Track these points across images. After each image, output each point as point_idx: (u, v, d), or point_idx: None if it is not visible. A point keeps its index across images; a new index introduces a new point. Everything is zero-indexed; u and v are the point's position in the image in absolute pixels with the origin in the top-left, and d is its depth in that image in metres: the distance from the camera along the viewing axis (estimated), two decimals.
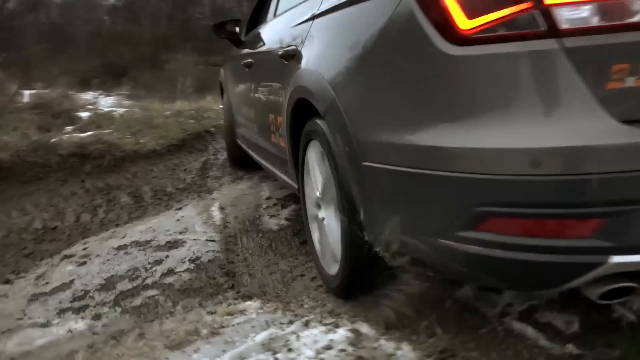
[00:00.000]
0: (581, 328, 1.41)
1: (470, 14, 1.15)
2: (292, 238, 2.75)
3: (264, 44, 2.84)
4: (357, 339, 1.47)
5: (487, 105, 1.15)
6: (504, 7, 1.12)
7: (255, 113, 2.99)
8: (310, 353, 1.43)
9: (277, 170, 2.71)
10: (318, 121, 1.81)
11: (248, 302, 1.99)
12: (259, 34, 3.06)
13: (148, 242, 2.69)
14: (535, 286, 1.28)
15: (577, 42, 1.09)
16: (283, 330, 1.64)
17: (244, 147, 3.62)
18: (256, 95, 2.91)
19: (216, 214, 3.06)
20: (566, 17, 1.09)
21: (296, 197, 3.20)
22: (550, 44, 1.09)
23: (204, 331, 1.76)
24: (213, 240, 2.66)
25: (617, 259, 1.07)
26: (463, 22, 1.15)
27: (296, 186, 2.30)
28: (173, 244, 2.64)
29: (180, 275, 2.34)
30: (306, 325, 1.63)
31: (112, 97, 10.69)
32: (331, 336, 1.50)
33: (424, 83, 1.26)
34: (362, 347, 1.41)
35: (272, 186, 3.57)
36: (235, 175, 4.07)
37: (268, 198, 3.33)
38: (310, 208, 2.11)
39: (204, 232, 2.78)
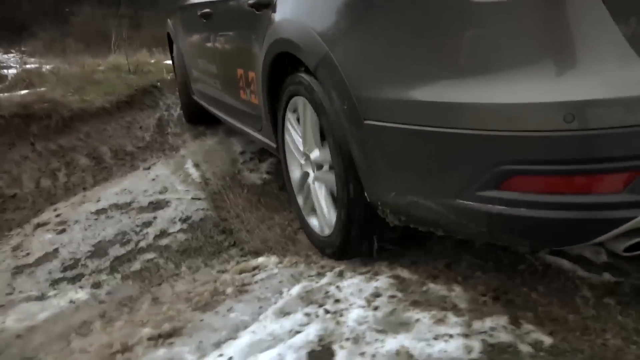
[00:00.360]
0: (610, 257, 1.51)
1: None
2: (279, 192, 2.70)
3: None
4: (402, 284, 1.48)
5: (515, 57, 1.06)
6: None
7: (218, 68, 2.76)
8: (360, 302, 1.42)
9: (248, 129, 2.53)
10: (304, 76, 1.67)
11: (261, 258, 1.94)
12: None
13: (128, 204, 2.54)
14: (559, 243, 1.22)
15: None
16: (317, 282, 1.62)
17: (202, 103, 3.42)
18: (219, 49, 2.68)
19: (192, 171, 2.93)
20: None
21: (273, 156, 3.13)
22: None
23: (228, 290, 1.71)
24: (199, 199, 2.56)
25: None
26: None
27: (274, 145, 2.17)
28: (157, 205, 2.51)
29: (175, 237, 2.24)
30: (341, 275, 1.62)
31: (11, 55, 9.76)
32: (374, 284, 1.50)
33: (442, 35, 1.15)
34: (412, 292, 1.42)
35: (242, 140, 3.46)
36: (195, 130, 3.90)
37: (242, 152, 3.23)
38: (294, 168, 2.00)
39: (186, 190, 2.67)
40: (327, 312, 1.41)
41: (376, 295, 1.45)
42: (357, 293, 1.48)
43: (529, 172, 1.07)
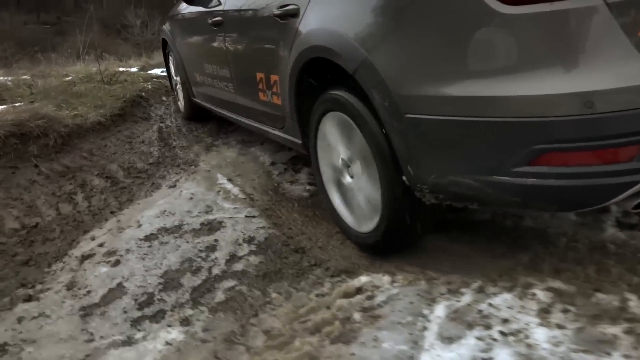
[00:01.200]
0: None
1: None
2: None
3: (241, 1, 2.70)
4: (566, 297, 1.42)
5: (542, 57, 1.29)
6: None
7: (232, 72, 2.91)
8: (533, 320, 1.35)
9: (266, 127, 2.72)
10: (338, 92, 1.91)
11: (364, 278, 1.84)
12: None
13: (178, 227, 2.34)
14: (582, 206, 1.46)
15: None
16: (458, 301, 1.54)
17: (206, 105, 3.62)
18: (233, 54, 2.84)
19: (229, 187, 2.75)
20: None
21: (304, 159, 3.01)
22: (601, 3, 1.23)
23: (356, 316, 1.60)
24: (253, 216, 2.39)
25: None
26: None
27: (297, 141, 2.38)
28: (211, 226, 2.33)
29: (248, 260, 2.08)
30: (482, 291, 1.55)
31: None
32: (533, 298, 1.44)
33: (478, 40, 1.37)
34: (584, 305, 1.37)
35: (264, 150, 3.30)
36: (203, 142, 3.69)
37: (272, 163, 3.08)
38: (326, 169, 2.21)
39: (234, 208, 2.49)
40: (503, 334, 1.33)
41: (546, 311, 1.38)
42: (520, 310, 1.41)
43: (556, 150, 1.32)
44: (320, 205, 2.58)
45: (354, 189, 2.05)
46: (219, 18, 2.89)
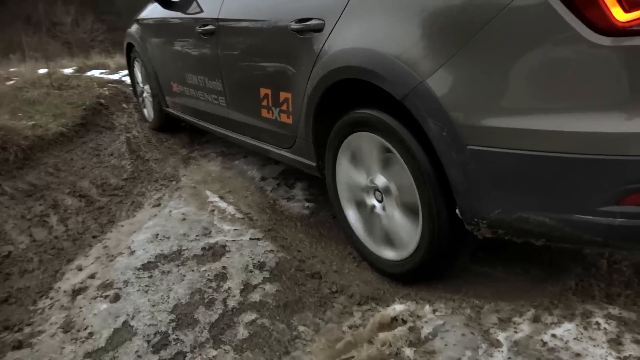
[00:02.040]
0: None
1: (628, 8, 1.18)
2: (334, 221, 2.47)
3: (240, 10, 2.52)
4: (630, 324, 1.38)
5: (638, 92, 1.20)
6: None
7: (227, 86, 2.70)
8: (605, 351, 1.30)
9: (268, 146, 2.53)
10: (373, 112, 1.80)
11: (399, 306, 1.73)
12: None
13: (178, 253, 2.14)
14: None
15: None
16: (515, 331, 1.46)
17: (185, 117, 3.39)
18: (229, 66, 2.63)
19: (223, 205, 2.57)
20: None
21: (295, 174, 2.88)
22: None
23: (407, 352, 1.49)
24: (258, 238, 2.24)
25: None
26: (621, 15, 1.18)
27: (312, 163, 2.23)
28: (214, 251, 2.15)
29: (264, 289, 1.92)
30: (538, 320, 1.48)
31: None
32: (597, 327, 1.39)
33: (567, 71, 1.28)
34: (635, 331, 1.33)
35: (250, 164, 3.14)
36: (178, 155, 3.47)
37: (263, 178, 2.92)
38: (346, 193, 2.09)
39: (235, 229, 2.32)
40: None
41: (617, 342, 1.33)
42: (588, 341, 1.35)
43: None
44: (324, 224, 2.47)
45: (383, 215, 1.94)
46: (210, 27, 2.67)
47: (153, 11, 3.55)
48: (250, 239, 2.23)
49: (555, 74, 1.30)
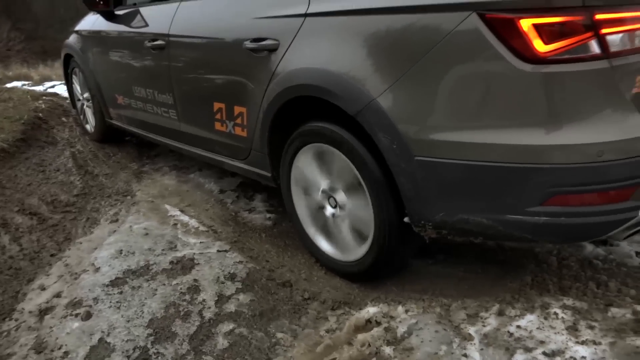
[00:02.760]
0: None
1: (549, 41, 1.42)
2: (289, 229, 2.55)
3: (193, 27, 2.56)
4: (582, 313, 1.55)
5: (556, 112, 1.44)
6: (573, 36, 1.42)
7: (178, 99, 2.76)
8: (565, 337, 1.46)
9: (222, 158, 2.62)
10: (326, 125, 1.94)
11: (372, 309, 1.83)
12: (173, 10, 2.70)
13: (146, 268, 2.13)
14: (587, 238, 1.72)
15: (619, 61, 1.44)
16: (484, 325, 1.60)
17: (131, 128, 3.41)
18: (181, 81, 2.69)
19: (185, 218, 2.57)
20: (614, 42, 1.44)
21: (253, 185, 2.93)
22: (604, 64, 1.43)
23: (386, 350, 1.60)
24: (225, 250, 2.27)
25: None
26: (543, 47, 1.42)
27: (267, 174, 2.36)
28: (183, 264, 2.16)
29: (238, 299, 1.97)
30: (502, 314, 1.63)
31: None
32: (555, 317, 1.55)
33: (501, 93, 1.49)
34: (602, 320, 1.51)
35: (207, 177, 3.15)
36: (128, 169, 3.42)
37: (222, 191, 2.95)
38: (301, 201, 2.23)
39: (201, 242, 2.34)
40: (546, 354, 1.41)
41: (574, 329, 1.50)
42: (550, 330, 1.51)
43: (569, 192, 1.48)
44: (288, 233, 2.53)
45: (338, 221, 2.09)
46: (160, 42, 2.71)
47: (95, 23, 3.51)
48: (218, 251, 2.26)
49: (487, 95, 1.51)
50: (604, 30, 1.43)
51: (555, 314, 1.56)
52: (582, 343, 1.42)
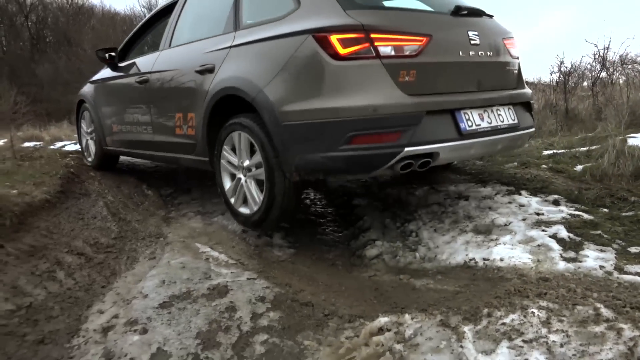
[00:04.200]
0: None
1: (344, 47, 2.56)
2: (314, 262, 2.93)
3: (168, 64, 3.85)
4: (552, 311, 1.92)
5: (352, 87, 2.55)
6: (358, 45, 2.55)
7: (152, 117, 4.00)
8: (537, 329, 1.82)
9: (178, 155, 3.77)
10: (242, 118, 3.03)
11: (383, 319, 2.18)
12: (155, 58, 4.06)
13: (188, 293, 2.49)
14: (376, 168, 2.61)
15: (387, 61, 2.57)
16: (475, 324, 1.96)
17: (121, 149, 4.66)
18: (156, 102, 3.94)
19: (215, 254, 2.95)
20: (382, 50, 2.57)
21: (276, 230, 3.32)
22: (377, 61, 2.56)
23: (397, 347, 1.95)
24: (254, 278, 2.63)
25: (407, 149, 2.53)
26: (341, 51, 2.56)
27: (206, 159, 3.42)
28: (219, 290, 2.51)
29: (269, 316, 2.32)
30: (490, 315, 1.99)
31: None
32: (533, 315, 1.92)
33: (320, 79, 2.60)
34: (570, 315, 1.88)
35: (230, 220, 3.54)
36: (157, 216, 3.81)
37: (244, 231, 3.33)
38: (226, 176, 3.28)
39: (232, 272, 2.71)
40: (525, 341, 1.78)
41: (548, 322, 1.86)
42: (527, 324, 1.87)
43: (361, 135, 2.53)
44: (305, 263, 2.90)
45: (246, 184, 3.10)
46: (145, 77, 4.03)
47: (102, 73, 4.91)
48: (247, 279, 2.63)
49: (315, 80, 2.61)
50: (376, 43, 2.55)
51: (533, 312, 1.93)
52: (554, 332, 1.79)
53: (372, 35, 2.52)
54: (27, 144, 10.37)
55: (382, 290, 2.60)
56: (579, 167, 3.79)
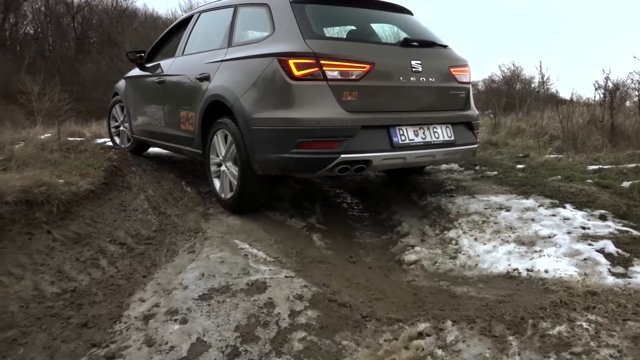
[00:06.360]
0: None
1: (298, 70, 3.11)
2: (352, 265, 2.91)
3: (178, 70, 4.49)
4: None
5: (303, 102, 3.10)
6: (309, 69, 3.11)
7: (165, 113, 4.64)
8: (586, 341, 1.77)
9: (181, 146, 4.43)
10: (226, 119, 3.58)
11: (422, 325, 2.16)
12: (171, 62, 4.73)
13: (227, 287, 2.51)
14: (318, 169, 3.12)
15: (333, 83, 3.13)
16: (520, 335, 1.91)
17: (143, 138, 5.29)
18: (168, 100, 4.59)
19: (254, 251, 2.97)
20: (329, 74, 3.12)
21: (311, 229, 3.32)
22: (324, 83, 3.12)
23: (438, 352, 1.91)
24: (292, 277, 2.64)
25: (343, 156, 3.08)
26: (296, 72, 3.10)
27: (200, 151, 4.04)
28: (258, 286, 2.53)
29: (307, 314, 2.31)
30: (534, 326, 1.94)
31: None
32: (581, 327, 1.86)
33: (280, 94, 3.18)
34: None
35: (267, 219, 3.55)
36: (196, 211, 3.87)
37: (282, 229, 3.33)
38: (213, 165, 3.86)
39: (270, 269, 2.72)
40: (573, 354, 1.72)
41: (597, 336, 1.80)
42: (576, 338, 1.82)
43: (307, 142, 3.08)
44: (344, 266, 2.89)
45: (226, 173, 3.68)
46: (162, 79, 4.68)
47: (133, 71, 5.57)
48: (285, 276, 2.63)
49: (276, 95, 3.19)
50: (325, 68, 3.10)
51: (581, 325, 1.87)
52: (605, 346, 1.73)
53: (322, 62, 3.08)
54: (70, 139, 10.69)
55: (421, 295, 2.56)
56: (627, 184, 3.68)
